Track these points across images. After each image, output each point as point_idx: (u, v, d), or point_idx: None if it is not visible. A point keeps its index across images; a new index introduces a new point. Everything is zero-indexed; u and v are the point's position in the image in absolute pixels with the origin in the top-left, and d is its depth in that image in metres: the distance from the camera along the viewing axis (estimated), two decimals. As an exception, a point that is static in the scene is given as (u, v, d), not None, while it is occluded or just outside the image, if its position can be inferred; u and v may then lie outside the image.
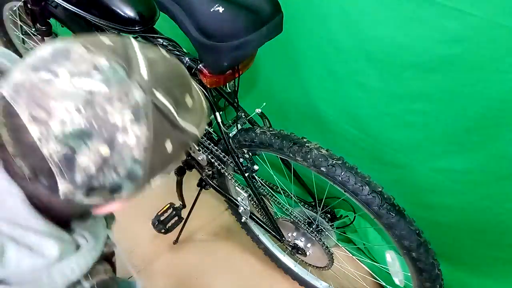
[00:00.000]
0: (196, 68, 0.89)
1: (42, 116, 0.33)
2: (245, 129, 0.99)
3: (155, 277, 1.37)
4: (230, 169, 1.15)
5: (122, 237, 1.46)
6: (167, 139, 0.38)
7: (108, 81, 0.34)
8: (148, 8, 0.93)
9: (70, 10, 0.98)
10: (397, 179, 1.06)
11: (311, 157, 0.87)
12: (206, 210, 1.59)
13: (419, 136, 0.95)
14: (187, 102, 0.40)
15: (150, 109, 0.35)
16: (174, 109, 0.37)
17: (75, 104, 0.33)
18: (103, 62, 0.35)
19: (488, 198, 0.92)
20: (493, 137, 0.83)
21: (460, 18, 0.74)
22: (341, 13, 0.91)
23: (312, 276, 1.34)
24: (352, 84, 1.00)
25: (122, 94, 0.34)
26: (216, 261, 1.45)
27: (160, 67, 0.38)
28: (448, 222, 1.06)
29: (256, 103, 1.03)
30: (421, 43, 0.81)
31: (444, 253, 1.07)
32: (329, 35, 0.97)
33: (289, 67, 1.15)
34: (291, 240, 1.14)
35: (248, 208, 1.17)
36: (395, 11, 0.82)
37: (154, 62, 0.38)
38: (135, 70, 0.36)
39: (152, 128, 0.36)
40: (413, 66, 0.85)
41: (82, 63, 0.34)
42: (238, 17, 0.75)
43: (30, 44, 1.75)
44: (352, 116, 1.07)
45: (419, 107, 0.90)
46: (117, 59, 0.36)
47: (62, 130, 0.33)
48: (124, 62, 0.36)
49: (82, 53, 0.35)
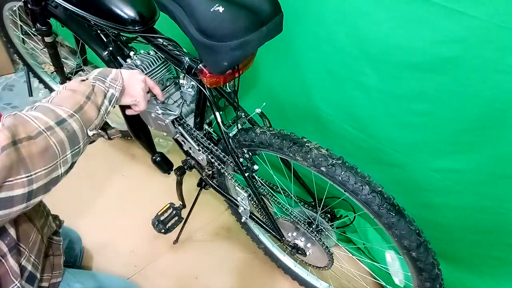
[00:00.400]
0: (196, 68, 0.89)
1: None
2: (245, 129, 0.99)
3: (155, 277, 1.37)
4: (230, 169, 1.15)
5: (122, 237, 1.47)
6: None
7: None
8: (148, 8, 0.93)
9: (70, 10, 0.98)
10: (396, 179, 1.06)
11: (311, 157, 0.87)
12: (206, 210, 1.59)
13: (419, 136, 0.95)
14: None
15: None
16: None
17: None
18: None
19: (488, 198, 0.92)
20: (492, 137, 0.83)
21: (459, 19, 0.74)
22: (341, 13, 0.91)
23: (312, 276, 1.34)
24: (351, 84, 1.00)
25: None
26: (216, 261, 1.45)
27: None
28: (447, 222, 1.06)
29: (256, 103, 1.03)
30: (420, 43, 0.81)
31: (444, 252, 1.07)
32: (329, 35, 0.97)
33: (289, 67, 1.15)
34: (291, 240, 1.14)
35: (248, 208, 1.17)
36: (394, 12, 0.82)
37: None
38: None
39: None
40: (412, 66, 0.85)
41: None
42: (238, 17, 0.75)
43: (30, 44, 1.76)
44: (351, 116, 1.07)
45: (418, 108, 0.91)
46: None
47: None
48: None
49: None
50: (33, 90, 2.04)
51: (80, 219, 1.48)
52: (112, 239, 1.46)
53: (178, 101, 1.10)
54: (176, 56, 0.93)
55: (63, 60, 1.56)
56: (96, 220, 1.51)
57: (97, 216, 1.53)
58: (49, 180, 0.63)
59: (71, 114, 0.68)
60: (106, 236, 1.46)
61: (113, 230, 1.49)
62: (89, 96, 0.73)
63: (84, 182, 1.64)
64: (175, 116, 1.07)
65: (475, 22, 0.72)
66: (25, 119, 0.63)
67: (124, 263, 1.40)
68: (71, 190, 1.48)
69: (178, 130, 1.12)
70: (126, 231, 1.50)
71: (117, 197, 1.61)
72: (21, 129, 0.60)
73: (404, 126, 0.97)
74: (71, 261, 1.21)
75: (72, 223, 1.26)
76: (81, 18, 0.97)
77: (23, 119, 0.62)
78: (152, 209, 1.31)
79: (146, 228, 1.38)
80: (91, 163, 1.67)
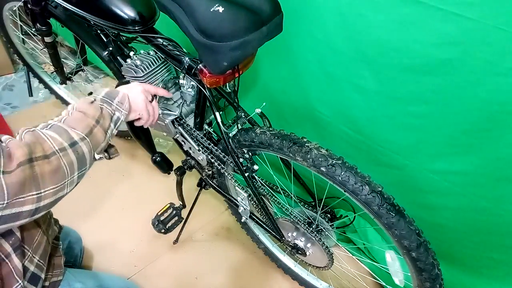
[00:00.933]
0: (196, 68, 0.89)
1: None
2: (245, 129, 0.99)
3: (155, 277, 1.38)
4: (230, 169, 1.15)
5: (122, 237, 1.47)
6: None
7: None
8: (148, 8, 0.93)
9: (70, 10, 0.98)
10: (395, 181, 1.06)
11: (311, 157, 0.87)
12: (206, 210, 1.59)
13: (417, 138, 0.95)
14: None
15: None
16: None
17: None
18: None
19: (486, 199, 0.92)
20: (490, 139, 0.83)
21: (456, 21, 0.74)
22: (338, 15, 0.92)
23: (312, 276, 1.34)
24: (349, 86, 1.01)
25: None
26: (216, 261, 1.45)
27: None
28: (447, 223, 1.06)
29: (256, 103, 1.03)
30: (417, 46, 0.81)
31: (444, 253, 1.07)
32: (326, 37, 0.98)
33: (287, 68, 1.15)
34: (291, 240, 1.14)
35: (248, 208, 1.17)
36: (391, 14, 0.82)
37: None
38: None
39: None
40: (409, 68, 0.85)
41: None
42: (238, 17, 0.75)
43: (30, 44, 1.76)
44: (349, 118, 1.07)
45: (416, 109, 0.91)
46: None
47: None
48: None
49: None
50: (33, 90, 2.04)
51: (80, 219, 1.48)
52: (112, 239, 1.46)
53: (178, 101, 1.10)
54: (176, 56, 0.93)
55: (63, 60, 1.56)
56: (96, 220, 1.51)
57: (97, 216, 1.53)
58: (55, 199, 0.66)
59: (82, 137, 0.71)
60: (106, 236, 1.46)
61: (113, 230, 1.49)
62: (98, 120, 0.75)
63: (84, 182, 1.62)
64: (175, 116, 1.07)
65: (472, 24, 0.72)
66: (43, 137, 0.65)
67: (124, 263, 1.40)
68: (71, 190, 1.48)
69: (178, 130, 1.12)
70: (126, 231, 1.50)
71: (117, 197, 1.61)
72: (38, 148, 0.63)
73: (402, 128, 0.97)
74: (71, 261, 1.21)
75: (72, 223, 1.26)
76: (81, 18, 0.97)
77: (41, 137, 0.65)
78: (152, 209, 1.31)
79: (146, 228, 1.38)
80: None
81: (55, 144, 0.66)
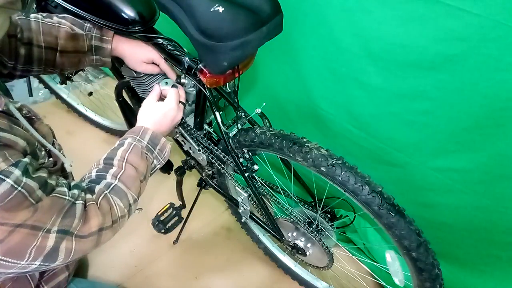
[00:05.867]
0: (196, 68, 0.89)
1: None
2: (245, 129, 0.99)
3: (155, 277, 1.37)
4: (230, 169, 1.15)
5: (122, 237, 1.47)
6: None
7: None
8: (148, 8, 0.93)
9: (70, 10, 0.98)
10: (397, 178, 1.06)
11: (311, 157, 0.87)
12: (206, 210, 1.59)
13: (420, 135, 0.95)
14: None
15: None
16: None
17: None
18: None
19: (489, 197, 0.92)
20: (493, 136, 0.83)
21: (462, 17, 0.74)
22: (344, 12, 0.91)
23: (312, 276, 1.34)
24: (353, 82, 1.00)
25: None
26: (216, 261, 1.45)
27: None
28: (448, 221, 1.06)
29: (256, 103, 1.03)
30: (423, 41, 0.81)
31: (445, 251, 1.07)
32: (331, 34, 0.97)
33: (290, 66, 1.15)
34: (291, 240, 1.14)
35: (248, 208, 1.17)
36: (397, 10, 0.82)
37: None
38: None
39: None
40: (414, 64, 0.85)
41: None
42: (238, 17, 0.75)
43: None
44: (352, 115, 1.07)
45: (420, 106, 0.91)
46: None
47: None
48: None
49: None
50: (33, 90, 2.03)
51: (80, 219, 1.48)
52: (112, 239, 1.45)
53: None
54: (176, 56, 0.93)
55: (63, 60, 1.56)
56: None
57: (97, 216, 1.53)
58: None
59: (135, 199, 0.75)
60: (106, 236, 1.46)
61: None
62: (145, 176, 0.78)
63: (84, 182, 1.64)
64: (175, 116, 1.07)
65: (477, 20, 0.72)
66: (112, 204, 0.69)
67: (124, 263, 1.40)
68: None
69: (178, 130, 1.12)
70: (126, 231, 1.49)
71: (117, 197, 1.61)
72: (108, 218, 0.67)
73: (405, 125, 0.97)
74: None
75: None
76: (81, 18, 0.97)
77: (112, 204, 0.69)
78: (152, 209, 1.31)
79: (146, 228, 1.38)
80: (91, 163, 1.67)
81: (119, 211, 0.70)
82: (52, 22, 0.87)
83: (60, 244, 0.59)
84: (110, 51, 0.91)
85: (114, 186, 0.71)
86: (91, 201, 0.66)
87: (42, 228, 0.56)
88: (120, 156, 0.76)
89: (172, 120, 0.91)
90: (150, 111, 0.89)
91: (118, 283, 1.34)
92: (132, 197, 0.73)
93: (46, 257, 0.58)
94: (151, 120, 0.87)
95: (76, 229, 0.60)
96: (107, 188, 0.70)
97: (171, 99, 0.92)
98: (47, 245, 0.57)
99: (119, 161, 0.75)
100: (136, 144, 0.79)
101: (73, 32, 0.88)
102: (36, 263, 0.58)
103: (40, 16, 0.86)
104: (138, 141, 0.80)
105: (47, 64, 0.87)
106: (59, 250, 0.59)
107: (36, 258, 0.57)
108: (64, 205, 0.60)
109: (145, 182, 0.79)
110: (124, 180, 0.73)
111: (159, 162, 0.84)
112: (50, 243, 0.57)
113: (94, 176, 0.73)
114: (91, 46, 0.90)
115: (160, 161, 0.84)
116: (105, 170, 0.73)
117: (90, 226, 0.63)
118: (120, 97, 1.26)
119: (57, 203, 0.59)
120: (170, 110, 0.90)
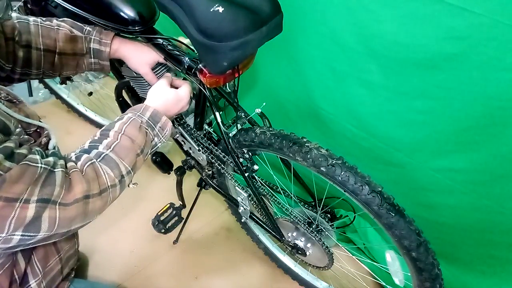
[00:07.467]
0: (196, 68, 0.89)
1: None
2: (245, 129, 0.99)
3: (155, 277, 1.37)
4: (230, 169, 1.15)
5: (122, 237, 1.47)
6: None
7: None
8: (148, 8, 0.93)
9: (70, 10, 0.98)
10: (397, 178, 1.06)
11: (311, 157, 0.87)
12: (206, 210, 1.59)
13: (420, 135, 0.95)
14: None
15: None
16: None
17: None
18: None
19: (489, 197, 0.92)
20: (494, 136, 0.83)
21: (462, 16, 0.74)
22: (345, 10, 0.91)
23: (312, 276, 1.34)
24: (354, 81, 1.00)
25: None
26: (216, 261, 1.45)
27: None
28: (448, 221, 1.06)
29: (256, 103, 1.03)
30: (424, 40, 0.81)
31: (445, 251, 1.07)
32: (332, 32, 0.97)
33: (290, 66, 1.15)
34: (291, 240, 1.14)
35: (248, 208, 1.17)
36: (398, 9, 0.82)
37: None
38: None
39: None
40: (416, 63, 0.85)
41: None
42: (238, 17, 0.75)
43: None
44: (353, 114, 1.07)
45: (421, 105, 0.91)
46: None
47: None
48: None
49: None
50: (33, 90, 2.03)
51: (80, 219, 1.48)
52: (112, 239, 1.46)
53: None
54: (176, 56, 0.93)
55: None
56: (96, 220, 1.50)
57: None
58: (83, 225, 0.68)
59: (128, 171, 0.73)
60: (106, 236, 1.46)
61: (113, 230, 1.49)
62: (142, 150, 0.76)
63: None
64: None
65: (479, 19, 0.72)
66: (100, 172, 0.67)
67: (124, 263, 1.40)
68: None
69: (178, 130, 1.12)
70: (126, 231, 1.50)
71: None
72: (95, 185, 0.65)
73: (405, 124, 0.97)
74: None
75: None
76: (81, 18, 0.97)
77: (99, 172, 0.67)
78: (152, 209, 1.31)
79: (146, 228, 1.38)
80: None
81: (109, 180, 0.68)
82: (51, 25, 0.87)
83: (42, 213, 0.58)
84: (108, 54, 0.91)
85: (104, 155, 0.70)
86: (74, 168, 0.64)
87: (19, 199, 0.55)
88: (118, 128, 0.75)
89: (180, 110, 0.91)
90: (163, 93, 0.88)
91: (118, 283, 1.34)
92: (125, 168, 0.71)
93: (28, 227, 0.57)
94: (160, 101, 0.86)
95: (59, 197, 0.59)
96: (97, 157, 0.69)
97: (186, 90, 0.92)
98: (27, 215, 0.56)
99: (115, 132, 0.74)
100: (135, 118, 0.78)
101: (72, 34, 0.88)
102: (18, 233, 0.57)
103: (39, 20, 0.86)
104: (138, 116, 0.79)
105: (45, 67, 0.87)
106: (42, 219, 0.58)
107: (16, 229, 0.56)
108: (38, 172, 0.58)
109: (143, 157, 0.77)
110: (118, 150, 0.71)
111: (160, 141, 0.83)
112: (30, 213, 0.56)
113: (87, 146, 0.72)
114: (90, 49, 0.90)
115: (161, 139, 0.83)
116: (99, 141, 0.72)
117: (74, 193, 0.61)
118: (120, 97, 1.27)
119: (27, 170, 0.56)
120: (183, 100, 0.90)
